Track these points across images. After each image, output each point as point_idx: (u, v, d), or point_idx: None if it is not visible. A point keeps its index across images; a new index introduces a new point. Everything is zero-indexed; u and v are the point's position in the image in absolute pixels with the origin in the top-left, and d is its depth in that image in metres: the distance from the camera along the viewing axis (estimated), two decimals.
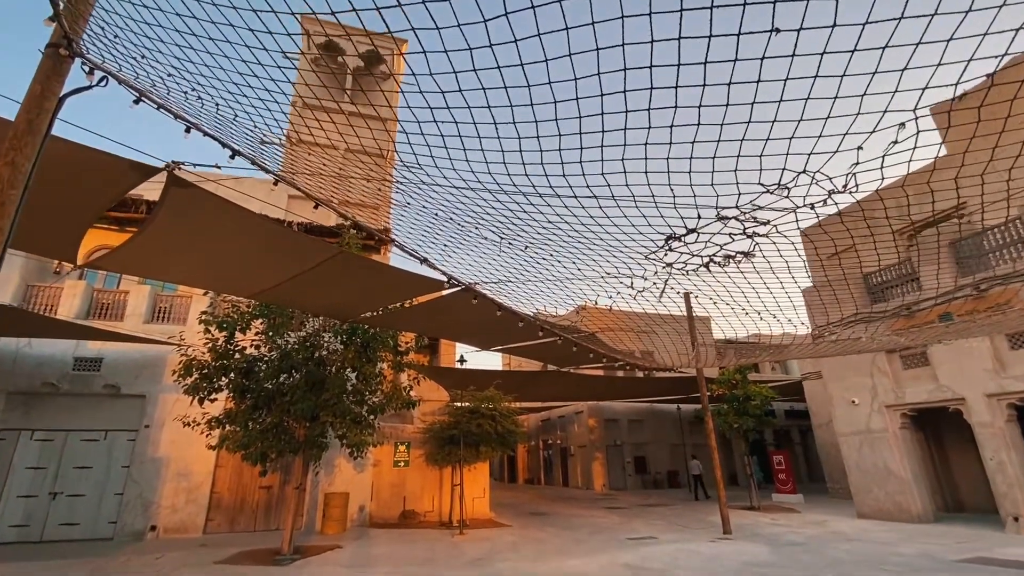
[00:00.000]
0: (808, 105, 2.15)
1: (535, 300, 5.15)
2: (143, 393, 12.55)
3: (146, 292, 13.34)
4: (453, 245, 4.39)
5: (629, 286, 4.52)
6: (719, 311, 13.46)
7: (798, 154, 2.41)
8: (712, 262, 3.72)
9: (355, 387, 10.15)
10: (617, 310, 8.33)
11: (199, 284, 7.65)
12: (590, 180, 2.74)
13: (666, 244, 3.49)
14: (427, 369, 15.05)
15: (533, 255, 4.11)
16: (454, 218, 3.89)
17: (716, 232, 3.28)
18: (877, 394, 12.80)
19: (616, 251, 3.78)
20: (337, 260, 6.56)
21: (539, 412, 33.26)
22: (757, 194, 2.77)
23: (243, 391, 9.49)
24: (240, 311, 9.67)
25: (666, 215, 3.07)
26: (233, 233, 6.15)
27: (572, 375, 17.36)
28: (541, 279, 4.60)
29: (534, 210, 3.31)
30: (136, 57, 3.07)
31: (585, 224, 3.34)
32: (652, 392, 23.03)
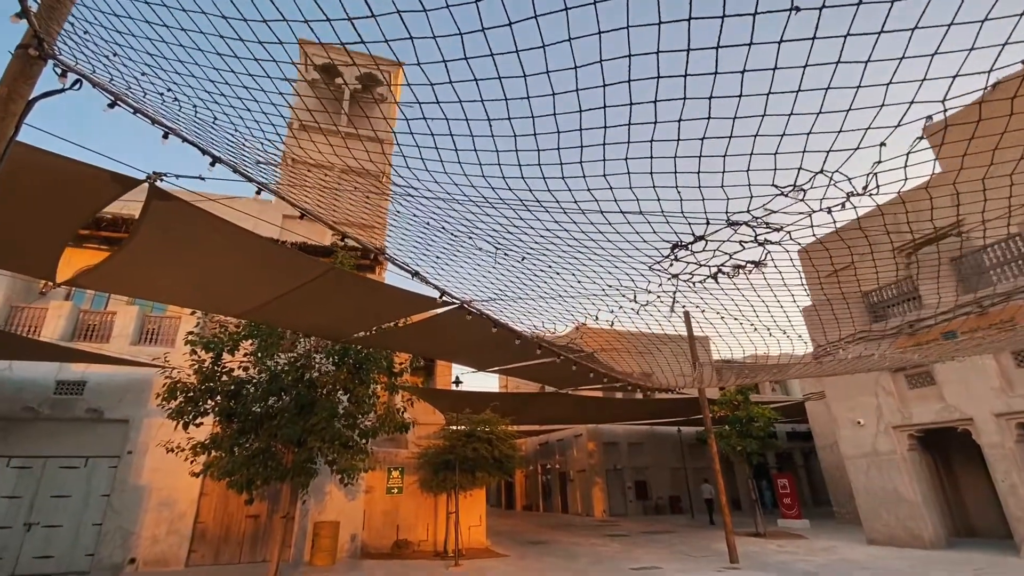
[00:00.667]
0: (828, 96, 1.98)
1: (532, 317, 4.92)
2: (126, 418, 12.14)
3: (134, 313, 13.03)
4: (446, 257, 4.19)
5: (632, 299, 4.31)
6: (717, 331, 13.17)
7: (815, 152, 2.23)
8: (720, 272, 3.52)
9: (347, 410, 9.80)
10: (616, 330, 8.11)
11: (185, 303, 7.40)
12: (591, 183, 2.56)
13: (672, 253, 3.29)
14: (421, 391, 14.69)
15: (530, 267, 3.90)
16: (447, 227, 3.70)
17: (725, 240, 3.09)
18: (883, 415, 12.51)
19: (618, 261, 3.58)
20: (329, 277, 6.34)
21: (537, 436, 32.62)
22: (770, 197, 2.59)
23: (230, 415, 9.13)
24: (228, 331, 9.37)
25: (673, 221, 2.88)
26: (219, 249, 5.94)
27: (570, 397, 16.98)
28: (539, 293, 4.38)
29: (531, 217, 3.12)
30: (108, 55, 2.90)
31: (585, 231, 3.15)
32: (652, 414, 22.61)
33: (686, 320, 12.11)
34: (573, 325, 5.30)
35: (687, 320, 12.09)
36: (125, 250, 5.79)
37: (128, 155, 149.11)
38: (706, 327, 11.19)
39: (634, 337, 9.32)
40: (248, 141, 3.30)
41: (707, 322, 8.68)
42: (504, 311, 4.74)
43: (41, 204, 4.97)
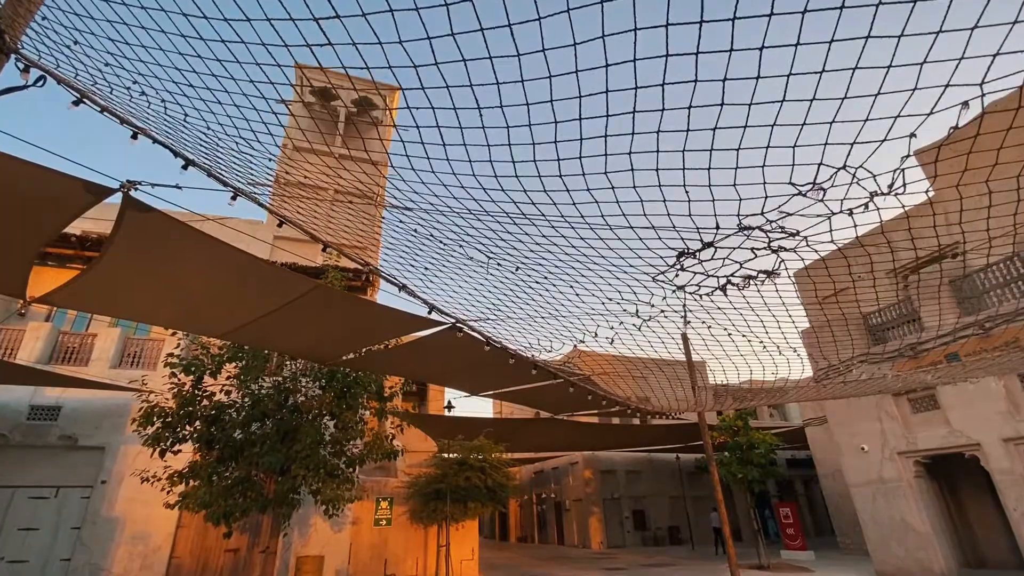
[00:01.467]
0: (855, 77, 1.77)
1: (528, 334, 4.65)
2: (102, 445, 11.59)
3: (115, 335, 12.61)
4: (435, 268, 3.94)
5: (634, 314, 4.05)
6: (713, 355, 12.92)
7: (838, 144, 2.02)
8: (729, 284, 3.28)
9: (334, 436, 9.38)
10: (610, 353, 7.83)
11: (164, 322, 7.06)
12: (591, 182, 2.34)
13: (678, 262, 3.05)
14: (411, 416, 14.21)
15: (525, 278, 3.65)
16: (435, 234, 3.46)
17: (736, 247, 2.85)
18: (887, 440, 12.17)
19: (620, 272, 3.35)
20: (316, 296, 6.06)
21: (532, 464, 31.80)
22: (787, 197, 2.37)
23: (209, 441, 8.69)
24: (210, 353, 9.01)
25: (680, 225, 2.65)
26: (200, 264, 5.66)
27: (566, 423, 16.53)
28: (534, 308, 4.12)
29: (526, 222, 2.89)
30: (69, 44, 2.69)
31: (585, 238, 2.91)
32: (650, 441, 22.09)
33: (684, 343, 11.86)
34: (571, 343, 5.01)
35: (685, 343, 11.84)
36: (99, 266, 5.50)
37: (93, 162, 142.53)
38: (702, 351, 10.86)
39: (629, 361, 9.04)
40: (223, 140, 3.07)
41: (704, 345, 8.43)
42: (498, 329, 4.48)
43: (5, 214, 4.70)
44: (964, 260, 11.61)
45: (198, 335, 9.24)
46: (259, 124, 2.68)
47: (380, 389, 10.51)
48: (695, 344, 11.71)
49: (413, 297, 3.97)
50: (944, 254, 12.83)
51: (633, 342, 4.78)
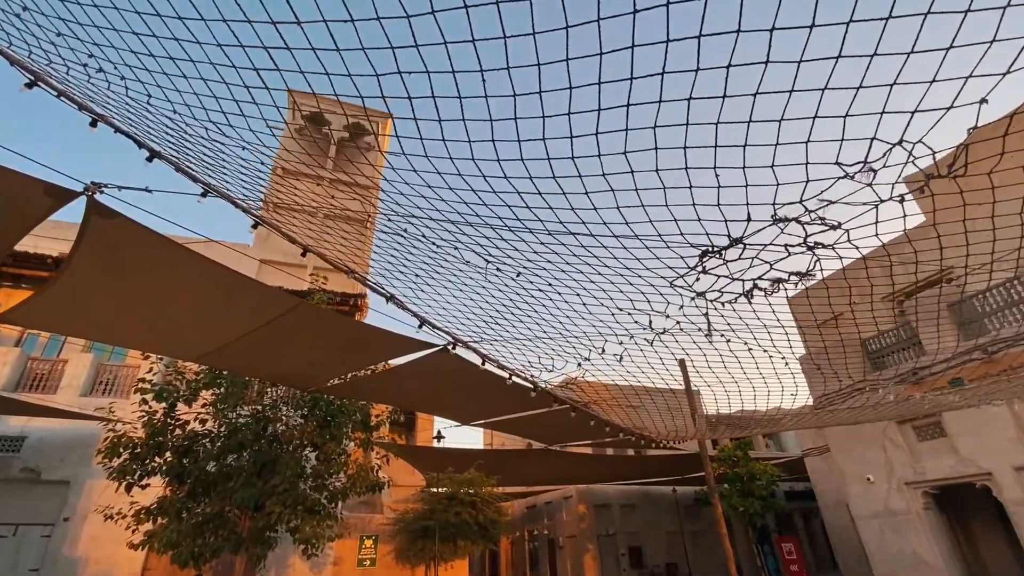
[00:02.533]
0: (926, 26, 1.51)
1: (527, 351, 4.28)
2: (67, 479, 10.83)
3: (87, 361, 11.99)
4: (426, 275, 3.60)
5: (647, 326, 3.71)
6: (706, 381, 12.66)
7: (896, 112, 1.75)
8: (756, 288, 2.97)
9: (315, 469, 8.77)
10: (603, 383, 7.47)
11: (132, 343, 6.60)
12: (608, 165, 2.06)
13: (700, 263, 2.75)
14: (397, 447, 13.54)
15: (526, 285, 3.32)
16: (427, 235, 3.13)
17: (768, 243, 2.56)
18: (894, 470, 11.76)
19: (634, 274, 3.02)
20: (299, 315, 5.67)
21: (524, 498, 30.70)
22: (831, 182, 2.08)
23: (180, 475, 8.05)
24: (185, 378, 8.47)
25: (706, 216, 2.36)
26: (172, 278, 5.26)
27: (560, 454, 15.96)
28: (535, 320, 3.77)
29: (530, 218, 2.59)
30: (18, 12, 2.40)
31: (596, 235, 2.61)
32: (645, 473, 21.40)
33: (682, 369, 11.54)
34: (574, 361, 4.64)
35: (683, 369, 11.52)
36: (62, 280, 5.09)
37: (54, 162, 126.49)
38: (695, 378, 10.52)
39: (622, 391, 8.69)
40: (192, 127, 2.76)
41: (697, 373, 8.07)
42: (495, 346, 4.12)
43: None
44: (963, 285, 11.52)
45: (173, 359, 8.71)
46: (231, 103, 2.37)
47: (366, 418, 9.97)
48: (690, 371, 11.36)
49: (402, 309, 3.61)
50: (939, 279, 12.71)
51: (633, 364, 4.42)
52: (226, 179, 3.01)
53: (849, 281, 4.20)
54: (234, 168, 3.08)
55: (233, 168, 3.07)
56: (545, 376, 4.56)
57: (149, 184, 3.92)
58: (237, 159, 2.96)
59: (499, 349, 4.20)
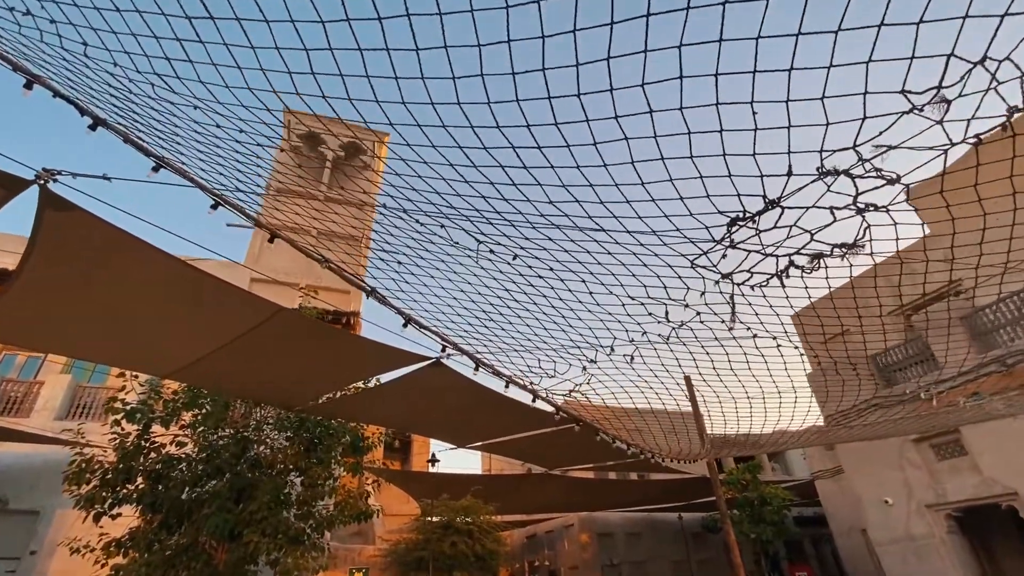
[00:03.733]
0: None
1: (524, 352, 3.84)
2: (36, 508, 10.17)
3: (65, 383, 11.45)
4: (410, 261, 3.19)
5: (662, 319, 3.27)
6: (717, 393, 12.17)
7: (985, 16, 1.39)
8: (792, 266, 2.55)
9: (300, 496, 8.18)
10: (605, 404, 7.02)
11: (98, 356, 6.13)
12: (621, 103, 1.68)
13: (728, 235, 2.35)
14: (388, 472, 12.88)
15: (522, 271, 2.91)
16: (409, 209, 2.74)
17: (810, 205, 2.16)
18: (913, 492, 11.17)
19: (649, 252, 2.61)
20: (279, 324, 5.24)
21: (524, 527, 29.57)
22: (896, 116, 1.71)
23: (153, 503, 7.45)
24: (162, 398, 7.95)
25: (739, 171, 1.98)
26: (139, 281, 4.84)
27: (561, 479, 15.30)
28: (534, 313, 3.34)
29: (526, 179, 2.21)
30: None
31: (605, 200, 2.22)
32: (650, 498, 20.58)
33: (688, 386, 11.06)
34: (579, 364, 4.18)
35: (689, 385, 11.04)
36: (17, 284, 4.65)
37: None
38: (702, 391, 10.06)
39: (626, 412, 8.23)
40: (137, 84, 2.40)
41: (706, 382, 7.63)
42: (488, 347, 3.68)
43: None
44: (973, 297, 11.18)
45: (148, 376, 8.18)
46: (172, 44, 2.01)
47: (356, 439, 9.41)
48: (697, 385, 10.89)
49: (384, 304, 3.20)
50: (946, 292, 12.40)
51: (644, 366, 3.98)
52: (180, 151, 2.64)
53: (853, 296, 4.17)
54: (190, 136, 2.71)
55: (189, 137, 2.71)
56: (546, 383, 4.11)
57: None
58: (189, 121, 2.60)
59: (493, 352, 3.76)
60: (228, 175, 2.79)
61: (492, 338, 3.57)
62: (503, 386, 3.90)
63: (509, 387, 3.94)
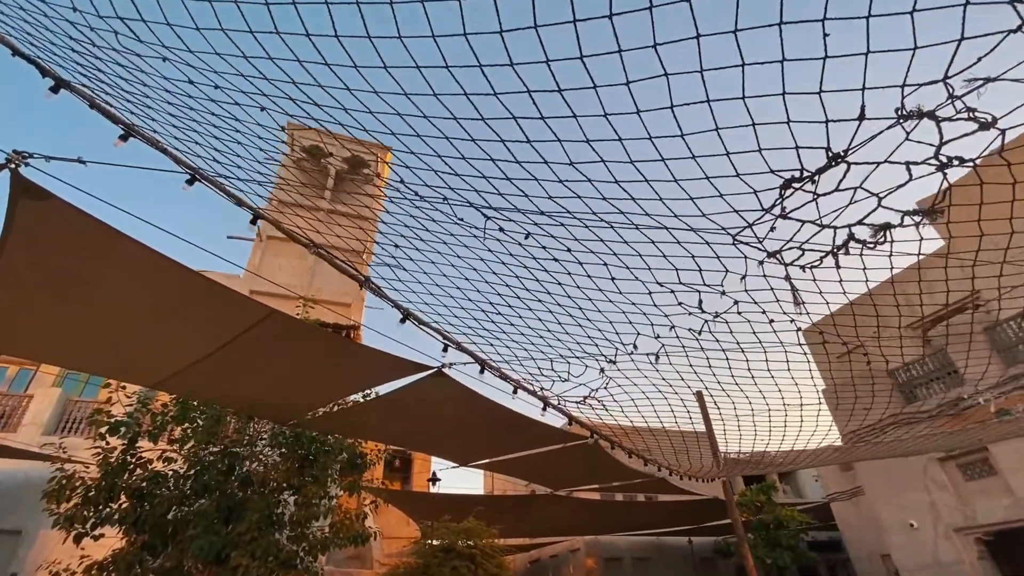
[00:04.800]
0: None
1: (534, 351, 3.46)
2: (19, 528, 9.71)
3: (54, 396, 11.07)
4: (408, 244, 2.85)
5: (696, 309, 2.88)
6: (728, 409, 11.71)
7: None
8: (853, 239, 2.17)
9: (294, 516, 7.72)
10: (620, 409, 6.64)
11: (74, 363, 5.81)
12: (663, 29, 1.37)
13: (780, 201, 2.00)
14: (385, 492, 12.34)
15: (537, 254, 2.57)
16: (407, 182, 2.41)
17: (880, 162, 1.83)
18: (940, 514, 10.59)
19: (683, 228, 2.25)
20: (271, 329, 4.91)
21: (527, 551, 28.63)
22: (1000, 35, 1.39)
23: (137, 522, 7.01)
24: (150, 410, 7.57)
25: (798, 115, 1.66)
26: (121, 280, 4.53)
27: (566, 501, 14.72)
28: (548, 306, 2.98)
29: (547, 136, 1.89)
30: None
31: (636, 161, 1.89)
32: (659, 521, 19.84)
33: (700, 402, 10.64)
34: (596, 366, 3.79)
35: (701, 402, 10.61)
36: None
37: None
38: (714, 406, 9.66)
39: (638, 431, 7.84)
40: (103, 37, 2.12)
41: (720, 400, 7.27)
42: (495, 345, 3.33)
43: None
44: (998, 310, 10.79)
45: (139, 387, 7.81)
46: None
47: (353, 457, 8.98)
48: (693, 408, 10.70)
49: (379, 296, 2.86)
50: (967, 305, 11.99)
51: (697, 351, 3.57)
52: (150, 118, 2.35)
53: (867, 310, 4.11)
54: (161, 99, 2.42)
55: (160, 99, 2.42)
56: (558, 389, 3.73)
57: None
58: (159, 78, 2.31)
59: (500, 352, 3.40)
60: (205, 145, 2.50)
61: (499, 335, 3.22)
62: (510, 392, 3.54)
63: (517, 393, 3.57)
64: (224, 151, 2.62)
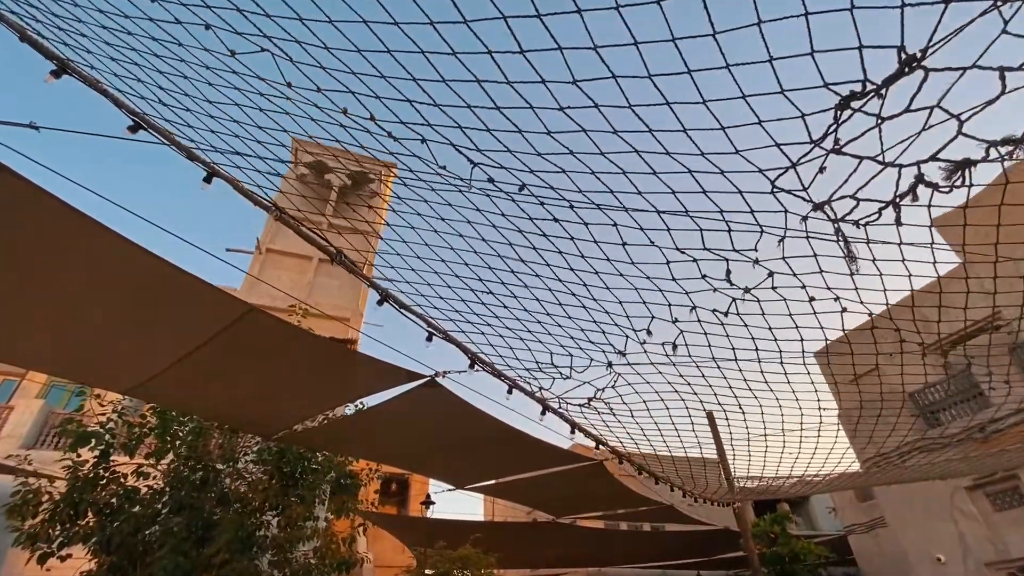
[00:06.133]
0: None
1: (530, 341, 3.00)
2: None
3: (36, 408, 10.64)
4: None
5: (724, 282, 2.41)
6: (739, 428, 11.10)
7: None
8: (921, 183, 1.73)
9: (276, 538, 7.18)
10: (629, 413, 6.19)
11: (31, 363, 5.40)
12: None
13: (834, 126, 1.59)
14: (375, 516, 11.67)
15: (532, 211, 2.16)
16: (379, 119, 2.03)
17: (967, 67, 1.43)
18: (969, 547, 9.87)
19: (710, 171, 1.83)
20: (250, 330, 4.51)
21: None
22: None
23: (106, 543, 6.50)
24: (127, 420, 7.14)
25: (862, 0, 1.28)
26: (85, 270, 4.15)
27: (568, 529, 13.99)
28: (547, 281, 2.56)
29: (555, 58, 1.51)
30: None
31: (654, 75, 1.51)
32: (665, 552, 18.90)
33: (711, 422, 10.10)
34: (601, 359, 3.31)
35: (712, 422, 10.08)
36: None
37: None
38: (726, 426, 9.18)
39: (644, 458, 7.37)
40: None
41: (732, 420, 6.81)
42: (486, 333, 2.90)
43: None
44: (1018, 331, 10.32)
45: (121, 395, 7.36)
46: None
47: (342, 475, 8.49)
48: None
49: (355, 274, 2.47)
50: (987, 325, 11.46)
51: (720, 335, 3.10)
52: (87, 49, 2.01)
53: (882, 332, 4.05)
54: (97, 27, 2.08)
55: (96, 26, 2.08)
56: (559, 388, 3.28)
57: None
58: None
59: (492, 343, 2.96)
60: (150, 83, 2.15)
61: (491, 320, 2.78)
62: (505, 392, 3.09)
63: (512, 394, 3.13)
64: (174, 86, 2.27)
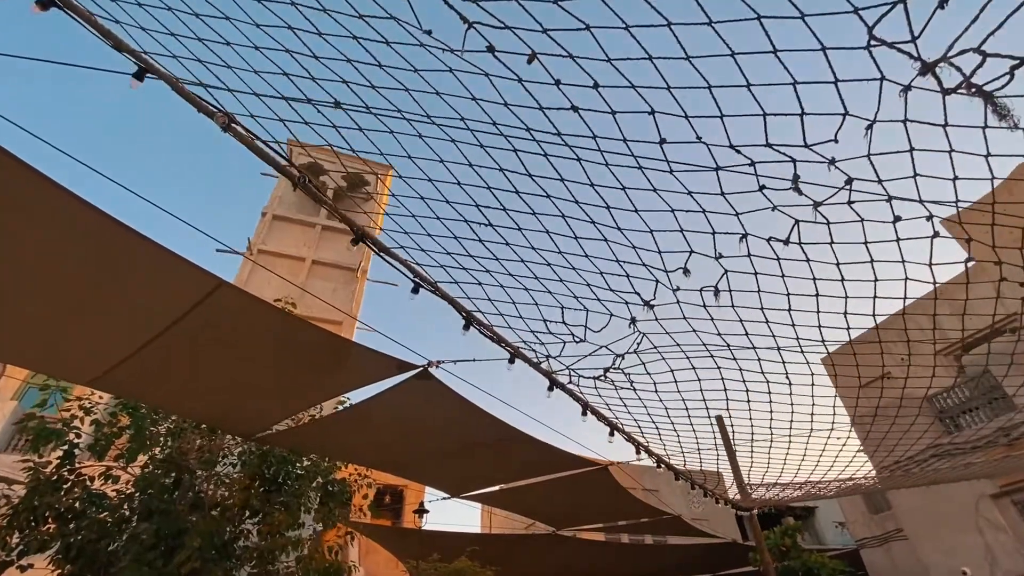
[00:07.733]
0: None
1: (540, 295, 2.46)
2: None
3: (9, 410, 10.10)
4: (349, 96, 1.97)
5: (792, 186, 1.76)
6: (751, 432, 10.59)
7: None
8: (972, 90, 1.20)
9: (257, 546, 6.64)
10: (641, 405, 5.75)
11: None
12: None
13: None
14: (363, 526, 11.04)
15: (539, 93, 1.65)
16: None
17: None
18: (997, 559, 9.32)
19: (776, 10, 1.30)
20: (222, 310, 4.05)
21: None
22: None
23: (70, 550, 5.95)
24: (96, 419, 6.64)
25: None
26: (37, 241, 3.69)
27: (567, 541, 13.42)
28: (560, 203, 2.02)
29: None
30: None
31: None
32: (668, 566, 18.25)
33: (720, 426, 9.63)
34: (627, 314, 2.76)
35: (721, 426, 9.61)
36: None
37: None
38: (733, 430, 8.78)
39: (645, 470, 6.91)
40: None
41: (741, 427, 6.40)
42: (484, 283, 2.42)
43: None
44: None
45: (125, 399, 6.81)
46: None
47: (330, 483, 7.97)
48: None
49: (322, 204, 2.04)
50: (1003, 326, 11.01)
51: (749, 292, 2.62)
52: None
53: (894, 336, 4.02)
54: None
55: None
56: (569, 353, 2.75)
57: None
58: None
59: (491, 296, 2.47)
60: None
61: (491, 264, 2.25)
62: (507, 360, 2.61)
63: (514, 363, 2.65)
64: None
